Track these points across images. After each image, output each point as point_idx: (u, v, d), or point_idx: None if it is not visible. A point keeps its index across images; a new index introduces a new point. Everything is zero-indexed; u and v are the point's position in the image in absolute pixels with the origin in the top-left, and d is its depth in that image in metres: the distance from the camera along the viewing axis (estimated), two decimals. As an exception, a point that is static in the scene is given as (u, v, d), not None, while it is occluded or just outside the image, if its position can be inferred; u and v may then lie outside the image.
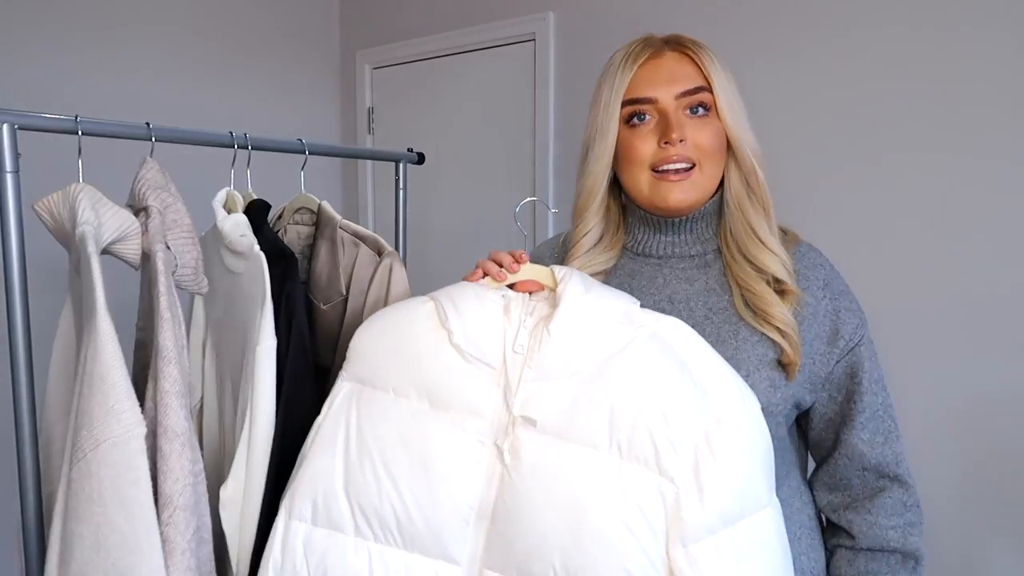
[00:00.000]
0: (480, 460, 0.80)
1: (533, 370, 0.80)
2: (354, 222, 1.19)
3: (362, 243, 1.14)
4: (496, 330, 0.83)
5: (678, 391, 0.76)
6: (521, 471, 0.78)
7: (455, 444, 0.81)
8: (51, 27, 1.87)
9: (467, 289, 0.86)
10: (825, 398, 0.93)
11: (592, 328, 0.80)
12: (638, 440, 0.75)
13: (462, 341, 0.82)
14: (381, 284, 1.10)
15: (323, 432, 0.85)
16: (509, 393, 0.80)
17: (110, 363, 0.74)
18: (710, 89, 0.91)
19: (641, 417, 0.75)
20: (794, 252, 0.95)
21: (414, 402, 0.83)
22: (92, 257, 0.78)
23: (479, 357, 0.82)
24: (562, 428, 0.78)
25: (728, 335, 0.90)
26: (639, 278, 0.98)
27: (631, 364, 0.78)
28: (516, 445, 0.79)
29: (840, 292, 0.94)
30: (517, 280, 0.87)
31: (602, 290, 0.83)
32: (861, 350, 0.92)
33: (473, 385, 0.82)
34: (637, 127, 0.92)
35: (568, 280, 0.82)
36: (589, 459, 0.76)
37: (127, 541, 0.72)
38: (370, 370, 0.86)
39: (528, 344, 0.81)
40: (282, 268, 1.02)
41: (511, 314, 0.84)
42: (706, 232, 0.96)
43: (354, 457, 0.83)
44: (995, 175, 1.43)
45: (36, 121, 0.88)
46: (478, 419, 0.81)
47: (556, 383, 0.79)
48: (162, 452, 0.77)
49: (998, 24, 1.41)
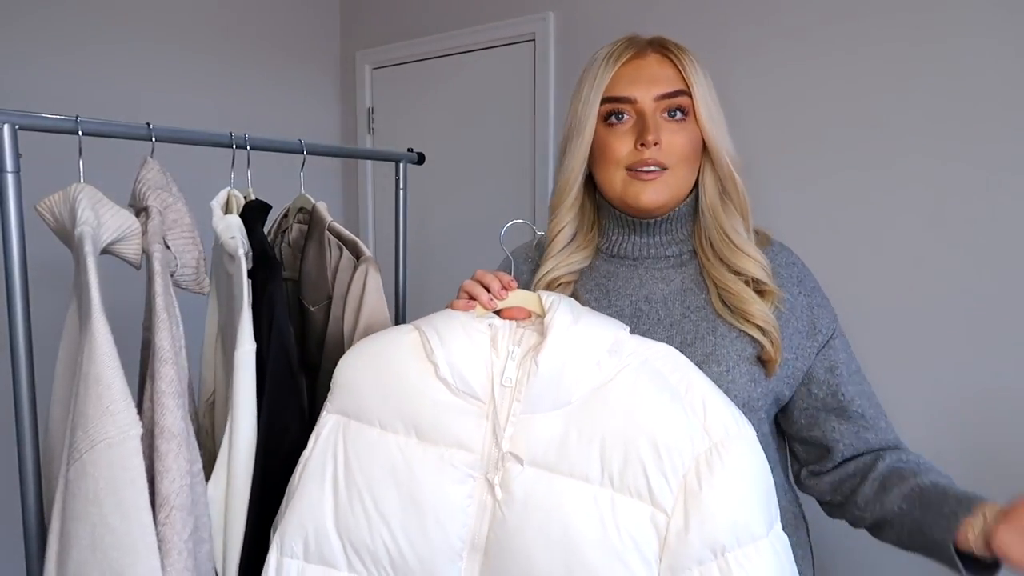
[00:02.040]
0: (471, 495, 0.79)
1: (522, 403, 0.79)
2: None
3: (344, 247, 1.14)
4: (483, 363, 0.81)
5: (670, 420, 0.74)
6: (513, 505, 0.77)
7: (445, 479, 0.80)
8: (51, 27, 1.87)
9: (452, 319, 0.84)
10: (805, 393, 0.94)
11: (581, 359, 0.78)
12: (630, 472, 0.74)
13: (448, 375, 0.81)
14: (356, 291, 1.09)
15: (310, 467, 0.84)
16: (498, 428, 0.79)
17: (105, 363, 0.74)
18: (689, 93, 0.91)
19: (633, 448, 0.74)
20: (767, 251, 0.96)
21: (401, 436, 0.82)
22: (88, 257, 0.78)
23: (466, 391, 0.81)
24: (553, 461, 0.77)
25: (706, 332, 0.90)
26: (615, 279, 0.98)
27: (622, 394, 0.77)
28: (507, 479, 0.78)
29: (812, 288, 0.96)
30: (505, 307, 0.85)
31: (590, 318, 0.82)
32: (836, 342, 0.94)
33: (461, 419, 0.81)
34: (614, 126, 0.92)
35: (556, 309, 0.81)
36: (581, 492, 0.75)
37: (122, 542, 0.72)
38: (355, 403, 0.85)
39: (516, 377, 0.80)
40: (265, 272, 1.01)
41: (498, 345, 0.82)
42: (681, 233, 0.97)
43: (343, 493, 0.82)
44: (993, 175, 1.43)
45: (36, 121, 0.88)
46: (467, 453, 0.80)
47: (546, 416, 0.78)
48: (159, 452, 0.77)
49: (994, 24, 1.41)
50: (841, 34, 1.59)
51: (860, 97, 1.57)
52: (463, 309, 0.85)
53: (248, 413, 0.94)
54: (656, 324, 0.93)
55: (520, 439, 0.78)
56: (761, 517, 0.73)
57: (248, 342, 0.94)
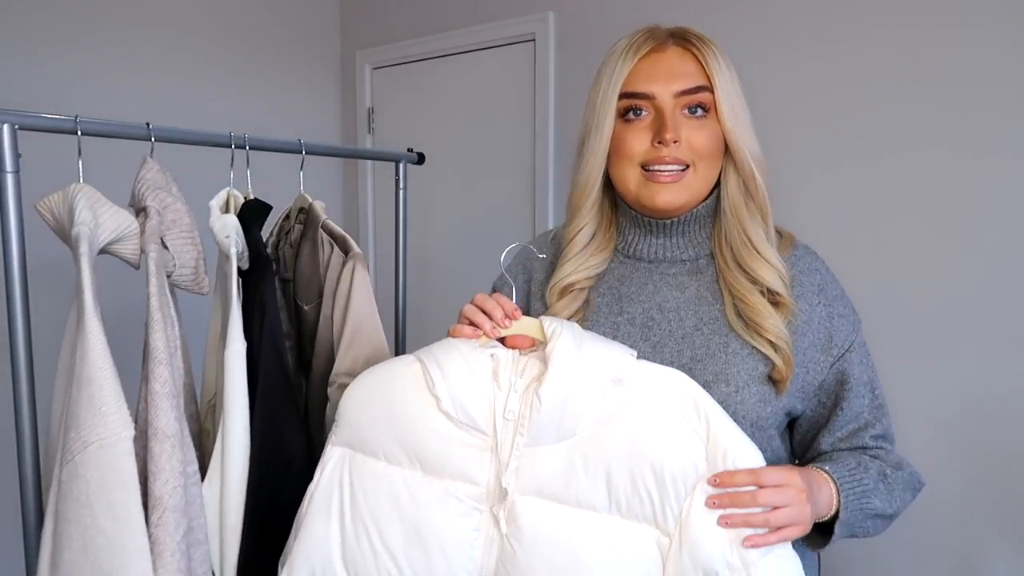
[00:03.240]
0: (478, 528, 0.79)
1: (525, 437, 0.78)
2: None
3: (335, 243, 1.14)
4: (485, 395, 0.80)
5: (675, 448, 0.74)
6: (520, 538, 0.77)
7: (450, 513, 0.79)
8: (51, 27, 1.87)
9: (453, 350, 0.83)
10: (815, 404, 0.92)
11: (584, 390, 0.76)
12: (637, 500, 0.74)
13: (451, 408, 0.80)
14: (344, 288, 1.09)
15: (316, 500, 0.85)
16: (500, 464, 0.79)
17: (98, 365, 0.74)
18: (711, 89, 0.87)
19: (640, 476, 0.74)
20: (789, 256, 0.92)
21: (406, 469, 0.82)
22: (83, 258, 0.78)
23: (469, 424, 0.80)
24: (559, 492, 0.77)
25: (718, 348, 0.87)
26: (628, 283, 0.95)
27: (628, 423, 0.76)
28: (513, 512, 0.78)
29: (835, 298, 0.92)
30: (507, 335, 0.83)
31: (594, 345, 0.79)
32: (852, 355, 0.90)
33: (465, 452, 0.80)
34: (632, 122, 0.88)
35: (558, 337, 0.79)
36: (588, 522, 0.75)
37: (113, 543, 0.72)
38: (359, 436, 0.85)
39: (519, 410, 0.79)
40: (258, 272, 1.01)
41: (500, 378, 0.81)
42: (699, 235, 0.93)
43: (349, 527, 0.82)
44: (996, 174, 1.43)
45: (36, 121, 0.88)
46: (472, 486, 0.80)
47: (550, 447, 0.78)
48: (152, 453, 0.77)
49: (999, 22, 1.41)
50: (842, 33, 1.59)
51: (863, 91, 1.57)
52: (468, 337, 0.84)
53: (239, 413, 0.94)
54: (667, 336, 0.90)
55: (525, 472, 0.78)
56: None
57: (238, 341, 0.94)
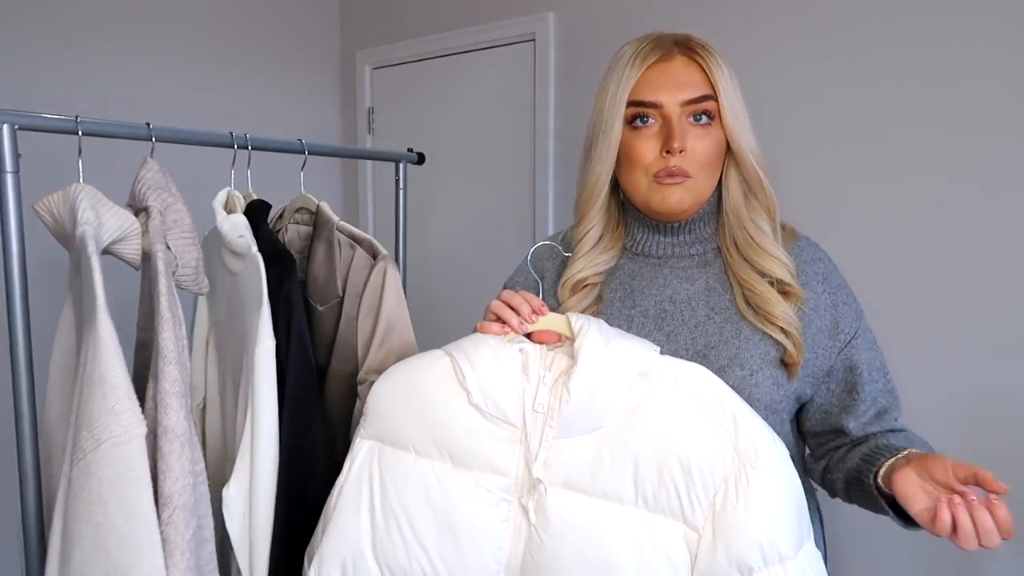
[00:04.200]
0: (507, 518, 0.81)
1: (554, 429, 0.80)
2: (354, 222, 1.19)
3: (358, 245, 1.14)
4: (515, 389, 0.82)
5: (701, 441, 0.75)
6: (548, 529, 0.78)
7: (480, 504, 0.81)
8: (51, 27, 1.87)
9: (482, 345, 0.85)
10: (824, 391, 0.94)
11: (611, 383, 0.78)
12: (664, 493, 0.75)
13: (481, 401, 0.82)
14: (375, 289, 1.10)
15: (346, 492, 0.86)
16: (530, 455, 0.80)
17: (110, 363, 0.74)
18: (715, 98, 0.90)
19: (666, 470, 0.75)
20: (793, 248, 0.95)
21: (436, 461, 0.84)
22: (92, 257, 0.78)
23: (500, 416, 0.82)
24: (587, 484, 0.78)
25: (730, 335, 0.90)
26: (639, 278, 0.98)
27: (653, 416, 0.77)
28: (542, 503, 0.79)
29: (838, 286, 0.95)
30: (535, 330, 0.86)
31: (620, 341, 0.81)
32: (858, 342, 0.93)
33: (494, 444, 0.82)
34: (640, 129, 0.91)
35: (586, 333, 0.81)
36: (616, 514, 0.77)
37: (127, 541, 0.72)
38: (389, 429, 0.86)
39: (548, 403, 0.81)
40: (280, 269, 1.02)
41: (529, 371, 0.83)
42: (705, 231, 0.97)
43: (380, 518, 0.83)
44: (997, 173, 1.43)
45: (36, 121, 0.88)
46: (501, 478, 0.81)
47: (578, 439, 0.79)
48: (162, 452, 0.77)
49: (999, 22, 1.41)
50: (843, 33, 1.59)
51: (864, 91, 1.57)
52: (495, 333, 0.86)
53: (270, 410, 0.95)
54: (681, 325, 0.93)
55: (554, 463, 0.79)
56: (789, 538, 0.73)
57: (268, 339, 0.95)
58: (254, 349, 0.94)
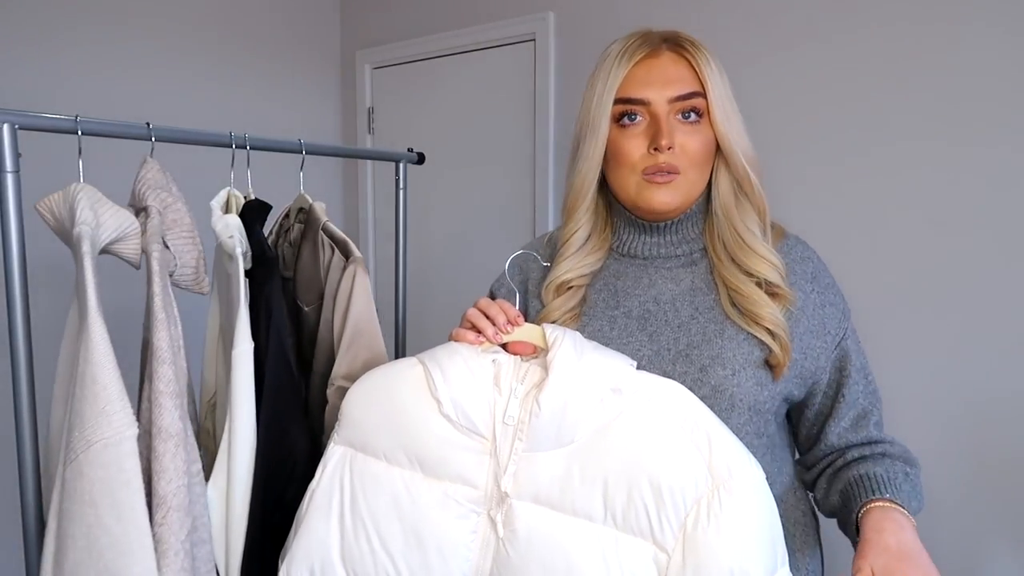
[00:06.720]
0: (475, 530, 0.80)
1: (524, 442, 0.79)
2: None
3: (336, 247, 1.14)
4: (486, 400, 0.81)
5: (674, 460, 0.73)
6: (516, 543, 0.77)
7: (449, 515, 0.80)
8: (51, 27, 1.87)
9: (456, 354, 0.84)
10: (817, 392, 0.93)
11: (583, 398, 0.77)
12: (633, 512, 0.74)
13: (451, 412, 0.81)
14: (345, 292, 1.09)
15: (317, 497, 0.85)
16: (499, 468, 0.79)
17: (101, 364, 0.74)
18: (704, 94, 0.89)
19: (636, 489, 0.74)
20: (781, 246, 0.94)
21: (406, 470, 0.83)
22: (86, 258, 0.78)
23: (470, 427, 0.81)
24: (556, 500, 0.77)
25: (714, 334, 0.89)
26: (624, 279, 0.96)
27: (626, 433, 0.76)
28: (510, 516, 0.78)
29: (826, 286, 0.94)
30: (510, 341, 0.84)
31: (594, 354, 0.80)
32: (848, 343, 0.93)
33: (464, 455, 0.81)
34: (627, 127, 0.90)
35: (559, 345, 0.79)
36: (584, 531, 0.75)
37: (118, 543, 0.72)
38: (361, 435, 0.86)
39: (518, 415, 0.79)
40: (264, 271, 1.01)
41: (501, 383, 0.81)
42: (692, 232, 0.95)
43: (349, 526, 0.83)
44: (992, 170, 1.43)
45: (36, 121, 0.88)
46: (470, 489, 0.80)
47: (549, 454, 0.78)
48: (156, 453, 0.77)
49: (995, 17, 1.41)
50: (837, 29, 1.59)
51: (856, 86, 1.57)
52: (470, 342, 0.84)
53: (247, 413, 0.94)
54: (664, 326, 0.91)
55: (523, 477, 0.78)
56: (761, 565, 0.70)
57: (245, 341, 0.94)
58: (232, 352, 0.94)
